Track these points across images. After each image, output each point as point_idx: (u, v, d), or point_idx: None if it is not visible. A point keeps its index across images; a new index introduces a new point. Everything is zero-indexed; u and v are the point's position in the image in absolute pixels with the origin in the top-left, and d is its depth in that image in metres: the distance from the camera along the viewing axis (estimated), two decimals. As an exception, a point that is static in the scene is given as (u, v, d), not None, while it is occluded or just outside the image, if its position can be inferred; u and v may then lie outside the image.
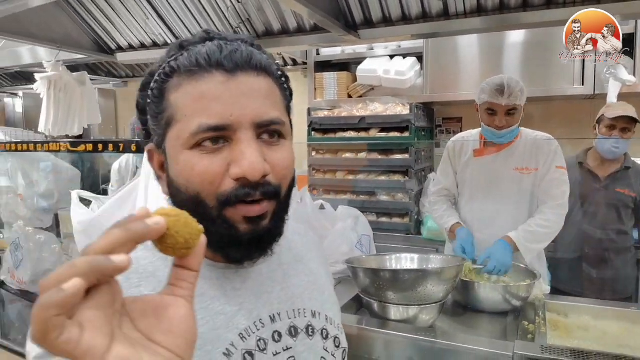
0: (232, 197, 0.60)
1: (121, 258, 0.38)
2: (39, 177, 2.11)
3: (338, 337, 0.78)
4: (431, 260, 1.78)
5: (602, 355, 1.26)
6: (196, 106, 0.60)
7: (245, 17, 2.35)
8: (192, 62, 0.61)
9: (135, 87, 5.03)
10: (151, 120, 0.65)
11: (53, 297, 0.35)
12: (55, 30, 2.56)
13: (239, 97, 0.60)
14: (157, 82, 0.63)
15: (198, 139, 0.60)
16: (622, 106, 2.39)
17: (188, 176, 0.61)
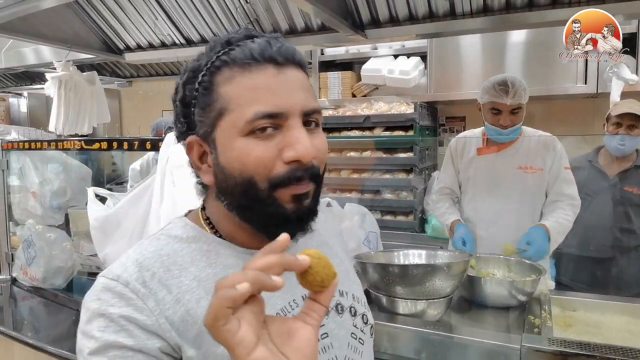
0: (286, 179, 0.65)
1: (279, 279, 0.49)
2: (51, 175, 2.14)
3: (365, 314, 0.83)
4: (438, 256, 1.81)
5: (609, 347, 1.29)
6: (251, 96, 0.65)
7: (253, 17, 2.38)
8: (247, 56, 0.65)
9: (139, 87, 5.09)
10: (198, 112, 0.69)
11: (229, 293, 0.46)
12: (65, 30, 2.59)
13: (289, 88, 0.66)
14: (206, 76, 0.67)
15: (254, 125, 0.64)
16: (628, 103, 2.41)
17: (245, 161, 0.65)
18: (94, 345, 0.61)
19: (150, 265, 0.67)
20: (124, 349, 0.61)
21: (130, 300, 0.63)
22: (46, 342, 1.76)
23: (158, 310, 0.64)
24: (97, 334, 0.62)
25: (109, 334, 0.61)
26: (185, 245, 0.71)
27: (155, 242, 0.72)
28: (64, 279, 2.17)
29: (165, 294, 0.65)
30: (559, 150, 2.17)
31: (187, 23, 2.60)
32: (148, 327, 0.63)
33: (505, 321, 1.73)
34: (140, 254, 0.69)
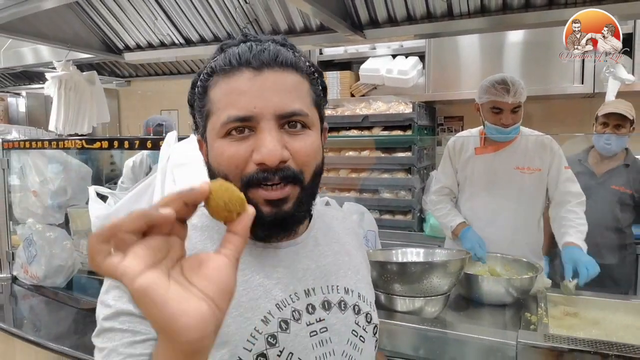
0: (254, 179, 0.68)
1: (166, 210, 0.46)
2: (51, 175, 2.15)
3: (370, 313, 0.84)
4: (436, 254, 1.83)
5: (604, 343, 1.31)
6: (227, 100, 0.69)
7: (252, 17, 2.39)
8: (226, 62, 0.70)
9: (137, 86, 5.09)
10: (197, 114, 0.75)
11: (100, 230, 0.44)
12: (65, 30, 2.61)
13: (263, 91, 0.68)
14: (201, 81, 0.73)
15: (227, 128, 0.69)
16: (614, 103, 2.44)
17: (219, 160, 0.70)
18: (108, 312, 0.67)
19: None
20: (133, 315, 0.66)
21: None
22: (47, 339, 1.77)
23: None
24: (111, 302, 0.67)
25: (122, 303, 0.66)
26: (198, 233, 0.76)
27: None
28: (64, 277, 2.19)
29: None
30: (556, 150, 2.19)
31: (187, 23, 2.62)
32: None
33: (502, 318, 1.75)
34: None
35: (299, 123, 0.70)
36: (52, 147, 1.84)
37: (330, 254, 0.84)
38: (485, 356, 1.41)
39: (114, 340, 0.65)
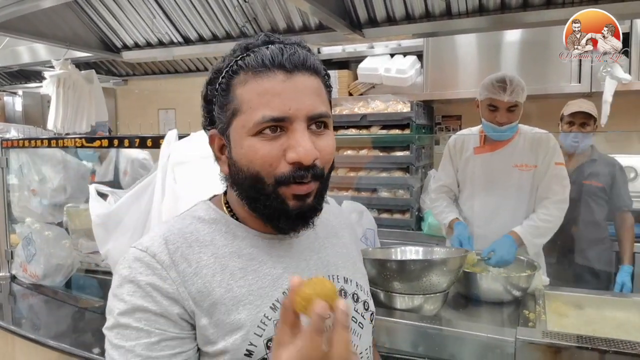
0: (289, 178, 0.72)
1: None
2: (50, 173, 2.15)
3: (367, 301, 0.90)
4: (435, 252, 1.84)
5: (602, 340, 1.32)
6: (260, 100, 0.71)
7: (251, 16, 2.40)
8: (259, 62, 0.71)
9: (135, 85, 5.08)
10: (217, 110, 0.76)
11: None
12: (64, 29, 2.60)
13: (296, 93, 0.71)
14: (225, 78, 0.74)
15: (261, 127, 0.71)
16: (579, 103, 2.50)
17: (252, 158, 0.72)
18: (124, 307, 0.70)
19: (174, 241, 0.75)
20: (148, 312, 0.70)
21: (156, 269, 0.72)
22: (47, 337, 1.77)
23: (179, 280, 0.72)
24: (126, 297, 0.70)
25: (137, 299, 0.70)
26: (206, 226, 0.79)
27: (180, 221, 0.80)
28: (63, 276, 2.19)
29: (185, 266, 0.74)
30: (551, 146, 2.19)
31: (185, 21, 2.62)
32: (170, 294, 0.71)
33: (500, 316, 1.76)
34: (167, 230, 0.77)
35: (322, 124, 0.75)
36: (51, 146, 1.84)
37: (329, 246, 0.89)
38: (484, 353, 1.42)
39: (130, 339, 0.69)
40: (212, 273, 0.75)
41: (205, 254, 0.76)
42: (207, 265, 0.75)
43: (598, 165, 2.55)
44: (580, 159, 2.56)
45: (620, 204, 2.54)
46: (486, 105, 2.14)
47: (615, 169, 2.54)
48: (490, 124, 2.15)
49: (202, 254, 0.76)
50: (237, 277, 0.76)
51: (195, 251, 0.76)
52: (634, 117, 3.31)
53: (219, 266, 0.76)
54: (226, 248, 0.78)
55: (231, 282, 0.75)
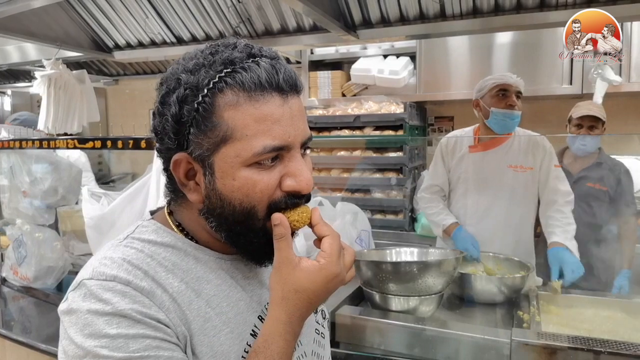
0: (282, 204, 0.68)
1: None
2: (42, 175, 2.13)
3: (323, 310, 0.90)
4: (430, 254, 1.84)
5: (597, 341, 1.33)
6: (259, 127, 0.63)
7: (245, 16, 2.39)
8: (255, 83, 0.63)
9: (125, 85, 5.04)
10: (195, 133, 0.64)
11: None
12: (55, 28, 2.57)
13: (292, 119, 0.66)
14: (207, 97, 0.63)
15: (260, 158, 0.64)
16: (587, 105, 2.50)
17: (248, 192, 0.65)
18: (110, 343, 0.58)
19: (140, 264, 0.64)
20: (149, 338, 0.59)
21: (136, 297, 0.61)
22: (38, 341, 1.75)
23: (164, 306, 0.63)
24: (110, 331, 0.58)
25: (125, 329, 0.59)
26: (162, 249, 0.68)
27: (130, 244, 0.68)
28: (54, 278, 2.16)
29: (161, 292, 0.63)
30: (548, 149, 2.22)
31: (178, 21, 2.60)
32: (161, 320, 0.61)
33: (495, 317, 1.77)
34: (124, 254, 0.65)
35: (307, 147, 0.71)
36: (42, 147, 1.82)
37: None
38: (479, 354, 1.43)
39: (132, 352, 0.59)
40: (188, 301, 0.65)
41: (174, 280, 0.66)
42: (180, 292, 0.65)
43: (603, 168, 2.54)
44: (586, 162, 2.56)
45: (624, 208, 2.54)
46: (495, 93, 2.16)
47: (622, 173, 2.53)
48: (502, 110, 2.15)
49: (170, 279, 0.65)
50: (214, 304, 0.68)
51: (163, 277, 0.65)
52: (624, 119, 3.35)
53: (192, 293, 0.66)
54: (192, 273, 0.68)
55: (208, 310, 0.67)
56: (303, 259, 0.67)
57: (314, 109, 3.61)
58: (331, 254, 0.67)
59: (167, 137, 0.66)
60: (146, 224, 0.72)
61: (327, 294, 0.69)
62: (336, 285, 0.69)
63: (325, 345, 0.86)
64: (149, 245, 0.68)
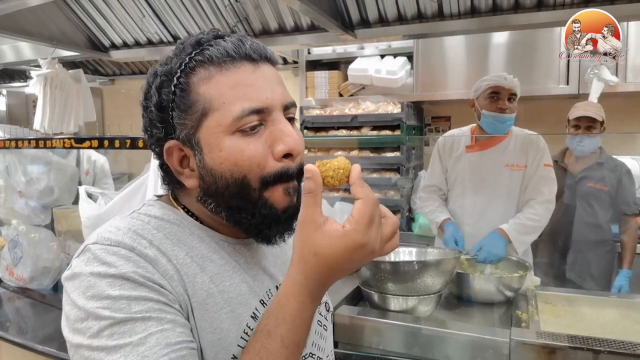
0: (277, 176, 0.67)
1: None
2: (38, 174, 2.11)
3: (327, 302, 0.88)
4: (428, 254, 1.84)
5: (596, 340, 1.33)
6: (234, 93, 0.65)
7: (242, 15, 2.38)
8: (222, 54, 0.66)
9: (122, 85, 5.02)
10: (178, 115, 0.67)
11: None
12: (51, 28, 2.56)
13: (267, 82, 0.67)
14: (181, 77, 0.66)
15: (241, 123, 0.65)
16: (584, 106, 2.51)
17: (236, 160, 0.65)
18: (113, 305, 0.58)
19: (146, 234, 0.65)
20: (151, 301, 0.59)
21: (140, 262, 0.61)
22: (34, 342, 1.74)
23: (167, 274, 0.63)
24: (113, 292, 0.58)
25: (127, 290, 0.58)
26: (168, 225, 0.69)
27: (137, 217, 0.69)
28: (51, 279, 2.15)
29: (166, 261, 0.64)
30: (541, 147, 2.22)
31: (175, 21, 2.59)
32: (164, 286, 0.62)
33: (493, 316, 1.77)
34: (130, 224, 0.66)
35: (291, 116, 0.71)
36: (39, 147, 1.81)
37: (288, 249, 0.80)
38: (479, 353, 1.42)
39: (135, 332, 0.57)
40: (192, 273, 0.66)
41: (180, 252, 0.66)
42: (186, 264, 0.66)
43: (605, 168, 2.55)
44: (587, 162, 2.57)
45: (625, 208, 2.55)
46: (487, 95, 2.17)
47: (622, 173, 2.54)
48: (491, 113, 2.16)
49: (176, 251, 0.66)
50: (217, 281, 0.68)
51: (169, 248, 0.66)
52: (621, 119, 3.36)
53: (197, 267, 0.67)
54: (196, 250, 0.68)
55: (212, 286, 0.67)
56: (329, 220, 0.61)
57: (311, 109, 3.60)
58: (358, 221, 0.60)
59: (155, 128, 0.69)
60: (152, 202, 0.74)
61: (353, 264, 0.62)
62: (365, 256, 0.62)
63: (327, 337, 0.85)
64: (155, 220, 0.69)
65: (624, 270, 2.50)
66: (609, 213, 2.57)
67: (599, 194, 2.53)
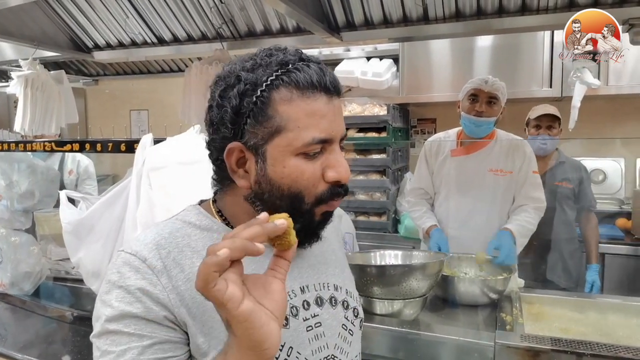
0: (328, 196, 0.75)
1: (261, 245, 0.58)
2: (19, 178, 2.07)
3: (357, 308, 0.92)
4: (414, 257, 1.84)
5: (580, 343, 1.34)
6: (309, 121, 0.72)
7: (228, 17, 2.36)
8: (308, 82, 0.72)
9: (105, 85, 4.95)
10: (252, 124, 0.73)
11: (214, 260, 0.54)
12: (32, 28, 2.51)
13: (335, 116, 0.75)
14: (265, 92, 0.72)
15: (308, 149, 0.73)
16: (544, 107, 2.61)
17: (297, 178, 0.73)
18: (112, 313, 0.69)
19: (166, 245, 0.75)
20: (138, 318, 0.69)
21: (146, 274, 0.71)
22: (14, 349, 1.70)
23: (170, 286, 0.72)
24: (115, 303, 0.70)
25: (126, 304, 0.69)
26: (198, 232, 0.79)
27: (170, 224, 0.79)
28: (32, 284, 2.11)
29: (178, 271, 0.73)
30: (528, 154, 2.24)
31: (159, 22, 2.56)
32: (160, 300, 0.71)
33: (478, 319, 1.78)
34: (157, 234, 0.76)
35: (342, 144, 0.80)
36: (19, 149, 1.77)
37: (319, 253, 0.88)
38: (464, 357, 1.43)
39: (121, 344, 0.68)
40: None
41: (198, 260, 0.74)
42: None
43: (567, 168, 2.64)
44: (550, 162, 2.64)
45: (587, 205, 2.63)
46: (467, 97, 2.19)
47: (582, 171, 2.63)
48: (469, 115, 2.19)
49: (194, 259, 0.75)
50: None
51: (187, 256, 0.75)
52: (603, 121, 3.41)
53: None
54: None
55: None
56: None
57: (297, 111, 3.59)
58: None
59: (224, 127, 0.74)
60: (191, 208, 0.84)
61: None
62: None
63: (353, 342, 0.88)
64: (187, 227, 0.79)
65: (593, 265, 2.58)
66: (574, 211, 2.64)
67: (566, 192, 2.60)
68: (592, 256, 2.61)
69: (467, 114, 2.20)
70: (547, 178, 2.60)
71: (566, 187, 2.60)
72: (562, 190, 2.60)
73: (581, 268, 2.65)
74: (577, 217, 2.67)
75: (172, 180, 1.35)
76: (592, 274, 2.55)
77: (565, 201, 2.61)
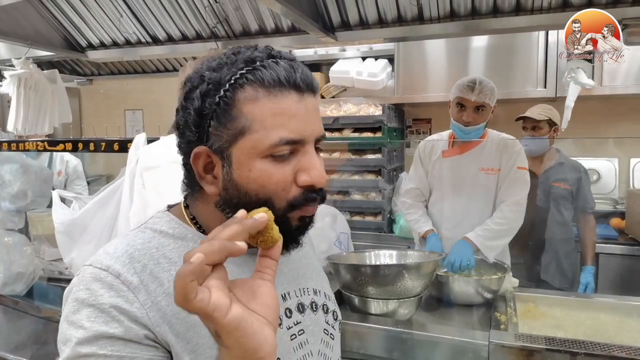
0: (302, 201, 0.69)
1: (242, 244, 0.53)
2: (11, 178, 2.05)
3: (335, 310, 0.89)
4: (409, 256, 1.85)
5: (574, 342, 1.35)
6: (276, 121, 0.67)
7: (222, 16, 2.35)
8: (274, 79, 0.66)
9: (100, 85, 4.92)
10: (215, 126, 0.68)
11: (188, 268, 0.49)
12: (25, 27, 2.49)
13: (308, 115, 0.69)
14: (228, 92, 0.67)
15: (275, 150, 0.67)
16: (531, 109, 2.64)
17: (264, 182, 0.68)
18: (84, 335, 0.62)
19: (140, 257, 0.68)
20: (114, 338, 0.62)
21: (121, 291, 0.64)
22: (6, 350, 1.69)
23: (149, 303, 0.65)
24: (86, 324, 0.62)
25: (99, 325, 0.62)
26: (172, 241, 0.72)
27: (141, 234, 0.73)
28: (24, 285, 2.09)
29: (156, 286, 0.67)
30: (515, 150, 2.24)
31: (154, 21, 2.55)
32: (138, 318, 0.64)
33: (472, 318, 1.78)
34: (128, 246, 0.70)
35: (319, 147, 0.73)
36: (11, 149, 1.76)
37: (296, 257, 0.85)
38: (458, 357, 1.43)
39: None
40: None
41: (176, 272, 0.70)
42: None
43: (565, 169, 2.64)
44: (548, 162, 2.64)
45: (584, 206, 2.63)
46: (455, 104, 2.19)
47: (581, 173, 2.63)
48: (457, 123, 2.19)
49: (172, 271, 0.68)
50: None
51: (164, 268, 0.69)
52: (597, 121, 3.42)
53: None
54: None
55: None
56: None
57: (292, 111, 3.58)
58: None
59: (189, 130, 0.70)
60: (160, 215, 0.77)
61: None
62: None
63: (334, 346, 0.86)
64: (159, 236, 0.72)
65: (587, 267, 2.58)
66: (571, 212, 2.64)
67: (563, 192, 2.60)
68: (587, 258, 2.61)
69: (455, 121, 2.20)
70: (544, 178, 2.61)
71: (564, 187, 2.60)
72: (559, 191, 2.60)
73: (576, 269, 2.66)
74: (575, 218, 2.67)
75: (165, 180, 1.35)
76: (587, 276, 2.56)
77: (561, 201, 2.61)
